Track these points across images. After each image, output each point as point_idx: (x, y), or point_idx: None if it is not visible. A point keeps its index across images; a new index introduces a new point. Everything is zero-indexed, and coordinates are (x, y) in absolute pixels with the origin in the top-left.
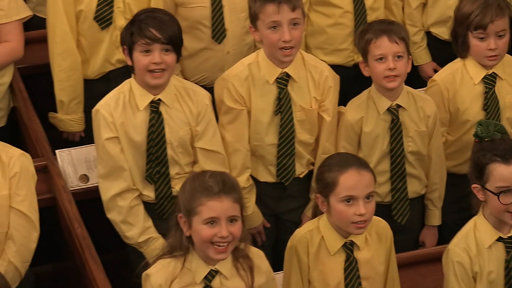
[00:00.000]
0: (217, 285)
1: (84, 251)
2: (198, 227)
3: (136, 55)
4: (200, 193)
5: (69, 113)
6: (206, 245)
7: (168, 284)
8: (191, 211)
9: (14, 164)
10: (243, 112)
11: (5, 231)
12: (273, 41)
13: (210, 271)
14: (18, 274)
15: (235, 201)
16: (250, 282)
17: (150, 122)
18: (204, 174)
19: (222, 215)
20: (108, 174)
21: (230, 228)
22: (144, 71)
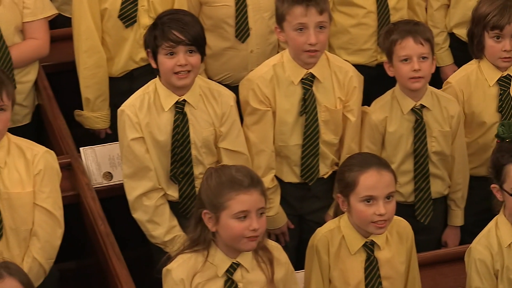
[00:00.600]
0: (238, 278)
1: (107, 248)
2: (228, 222)
3: (161, 58)
4: (229, 188)
5: (94, 110)
6: (238, 240)
7: (190, 278)
8: (219, 206)
9: (39, 161)
10: (268, 113)
11: (29, 228)
12: (299, 44)
13: (231, 264)
14: (43, 270)
15: (261, 194)
16: (270, 274)
17: (175, 123)
18: (229, 168)
19: (252, 208)
20: (133, 174)
21: (260, 221)
22: (170, 73)
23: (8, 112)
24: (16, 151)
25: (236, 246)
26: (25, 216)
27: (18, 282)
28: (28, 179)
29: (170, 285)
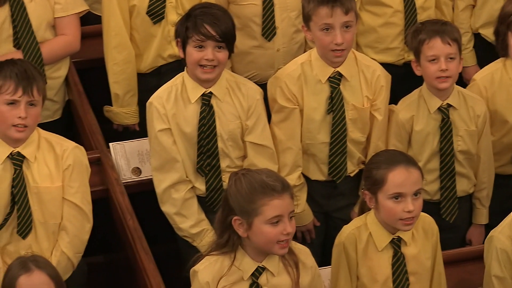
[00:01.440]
0: (264, 281)
1: (135, 243)
2: (261, 228)
3: (189, 49)
4: (262, 193)
5: (123, 106)
6: (271, 245)
7: (216, 281)
8: (252, 212)
9: (68, 156)
10: (295, 111)
11: (58, 222)
12: (325, 43)
13: (257, 268)
14: (71, 264)
15: (291, 197)
16: (296, 278)
17: (201, 115)
18: (258, 173)
19: (285, 212)
20: (161, 166)
21: (292, 224)
22: (196, 65)
23: (38, 107)
24: (46, 146)
25: (269, 251)
26: (54, 210)
27: (46, 276)
28: (58, 174)
29: (196, 287)
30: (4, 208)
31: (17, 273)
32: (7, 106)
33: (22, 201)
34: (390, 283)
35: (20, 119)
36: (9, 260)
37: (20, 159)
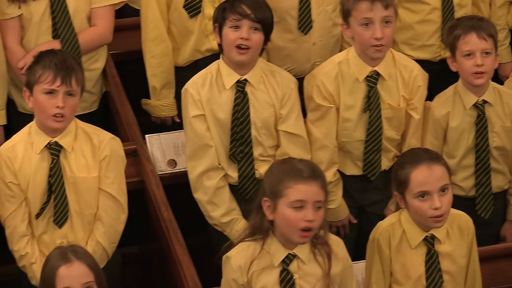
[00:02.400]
0: (294, 269)
1: (170, 234)
2: (284, 210)
3: (225, 31)
4: (289, 176)
5: (161, 98)
6: (292, 230)
7: (247, 266)
8: (278, 194)
9: (105, 147)
10: (332, 109)
11: (94, 212)
12: (365, 38)
13: (288, 255)
14: (106, 254)
15: (322, 188)
16: (327, 268)
17: (235, 101)
18: (293, 159)
19: (309, 199)
20: (194, 153)
21: (315, 214)
22: (231, 46)
23: (76, 98)
24: (83, 137)
25: (290, 237)
26: (90, 201)
27: (86, 266)
28: (94, 164)
29: (228, 272)
30: (41, 197)
31: (57, 263)
32: (45, 96)
33: (59, 191)
34: (424, 281)
35: (58, 108)
36: (45, 249)
37: (58, 149)
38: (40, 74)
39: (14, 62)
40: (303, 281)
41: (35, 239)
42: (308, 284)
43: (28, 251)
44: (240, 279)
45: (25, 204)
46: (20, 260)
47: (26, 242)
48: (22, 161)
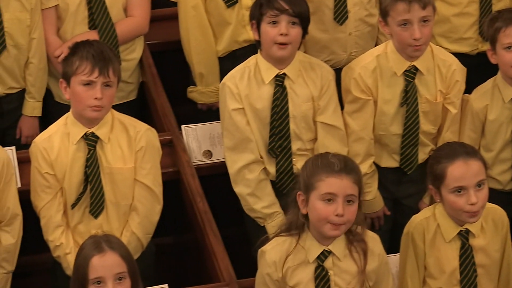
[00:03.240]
0: (329, 265)
1: (205, 225)
2: (315, 203)
3: (263, 27)
4: (321, 169)
5: (208, 84)
6: (322, 223)
7: (282, 261)
8: (310, 187)
9: (141, 138)
10: (369, 102)
11: (129, 203)
12: (403, 39)
13: (323, 251)
14: (140, 245)
15: (354, 182)
16: (363, 265)
17: (274, 95)
18: (328, 153)
19: (340, 193)
20: (235, 146)
21: (347, 209)
22: (271, 43)
23: (113, 89)
24: (119, 127)
25: (320, 230)
26: (125, 191)
27: (119, 256)
28: (130, 155)
29: (263, 266)
30: (77, 187)
31: (90, 253)
32: (83, 87)
33: (95, 181)
34: (458, 275)
35: (96, 100)
36: (80, 239)
37: (94, 139)
38: (77, 66)
39: (50, 52)
40: (338, 278)
41: (70, 230)
42: (343, 280)
43: (63, 242)
44: (274, 274)
45: (60, 194)
46: (54, 250)
47: (61, 233)
48: (58, 151)
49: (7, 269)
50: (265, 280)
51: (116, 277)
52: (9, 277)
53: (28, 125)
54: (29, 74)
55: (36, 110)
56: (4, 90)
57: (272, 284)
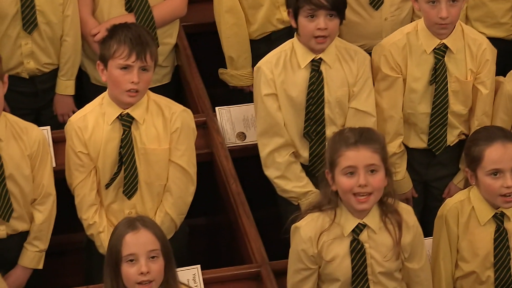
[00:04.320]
0: (364, 238)
1: (237, 207)
2: (338, 178)
3: (301, 20)
4: (339, 145)
5: (238, 68)
6: (348, 196)
7: (317, 236)
8: (333, 163)
9: (176, 119)
10: (398, 80)
11: (163, 183)
12: (430, 17)
13: (358, 224)
14: (174, 225)
15: (374, 151)
16: (398, 237)
17: (310, 80)
18: (345, 129)
19: (360, 164)
20: (265, 131)
21: (369, 178)
22: (309, 37)
23: (150, 73)
24: (155, 109)
25: (349, 203)
26: (160, 172)
27: (152, 235)
28: (165, 136)
29: (297, 242)
30: (111, 167)
31: (124, 231)
32: (120, 71)
33: (130, 162)
34: (491, 258)
35: (133, 84)
36: (113, 218)
37: (129, 120)
38: (115, 49)
39: (86, 32)
40: (374, 251)
41: (103, 209)
42: (379, 253)
43: (96, 220)
44: (310, 250)
45: (94, 173)
46: (88, 229)
47: (95, 212)
48: (92, 131)
49: (39, 248)
50: (300, 256)
51: (149, 255)
52: (42, 256)
53: (62, 104)
54: (63, 52)
55: (69, 89)
56: (37, 67)
57: (307, 260)
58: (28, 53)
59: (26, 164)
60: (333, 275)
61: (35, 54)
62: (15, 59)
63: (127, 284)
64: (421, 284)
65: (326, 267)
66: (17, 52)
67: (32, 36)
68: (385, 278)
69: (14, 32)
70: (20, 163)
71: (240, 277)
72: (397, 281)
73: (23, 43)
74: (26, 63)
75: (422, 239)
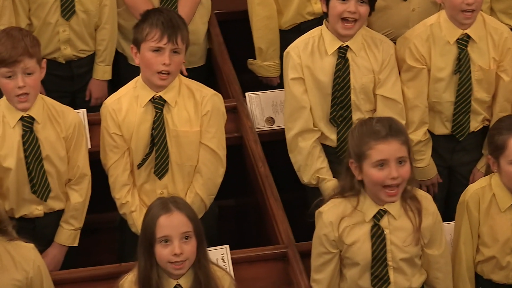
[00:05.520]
0: (385, 224)
1: (265, 189)
2: (368, 171)
3: (332, 2)
4: (368, 137)
5: (267, 59)
6: (378, 188)
7: (338, 221)
8: (361, 156)
9: (207, 103)
10: (423, 70)
11: (194, 164)
12: (456, 4)
13: (379, 210)
14: (203, 205)
15: (402, 143)
16: (418, 223)
17: (336, 67)
18: (371, 119)
19: (391, 157)
20: (291, 114)
21: (399, 170)
22: (338, 19)
23: (181, 55)
24: (186, 92)
25: (378, 195)
26: (190, 154)
27: (185, 216)
28: (196, 119)
29: (320, 227)
30: (143, 148)
31: (158, 213)
32: (152, 53)
33: (161, 143)
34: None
35: (164, 65)
36: (146, 198)
37: (162, 103)
38: (147, 32)
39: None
40: (394, 236)
41: (136, 188)
42: (399, 239)
43: (129, 200)
44: (331, 234)
45: (127, 154)
46: (121, 208)
47: (127, 191)
48: (126, 113)
49: (75, 226)
50: (322, 240)
51: (182, 236)
52: (77, 234)
53: (98, 88)
54: (102, 39)
55: (107, 74)
56: (74, 53)
57: (328, 244)
58: (65, 40)
59: (61, 146)
60: (354, 259)
61: (72, 40)
62: (53, 45)
63: (160, 264)
64: (441, 270)
65: (347, 251)
66: (55, 38)
67: (69, 23)
68: (405, 264)
69: (53, 19)
70: (56, 145)
71: (267, 257)
72: (417, 268)
73: (61, 30)
74: (63, 49)
75: (442, 226)
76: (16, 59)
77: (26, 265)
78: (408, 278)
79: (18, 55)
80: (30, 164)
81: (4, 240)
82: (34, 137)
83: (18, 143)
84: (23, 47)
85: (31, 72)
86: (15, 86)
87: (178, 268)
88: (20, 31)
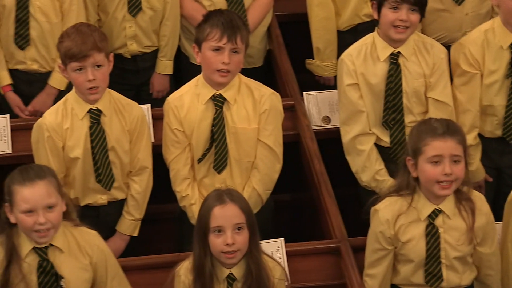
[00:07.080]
0: (439, 223)
1: (320, 185)
2: (423, 166)
3: (384, 11)
4: (426, 134)
5: (324, 59)
6: (431, 183)
7: (394, 219)
8: (417, 151)
9: (265, 101)
10: (477, 75)
11: (251, 160)
12: (510, 7)
13: (434, 210)
14: (260, 200)
15: (458, 143)
16: (471, 222)
17: (388, 73)
18: (431, 119)
19: (445, 154)
20: (347, 118)
21: (454, 168)
22: (389, 26)
23: (241, 55)
24: (245, 90)
25: (431, 190)
26: (248, 150)
27: (238, 208)
28: (254, 117)
29: (376, 224)
30: (203, 143)
31: (213, 204)
32: (212, 52)
33: (220, 139)
34: None
35: (224, 64)
36: (205, 192)
37: (222, 100)
38: (208, 32)
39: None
40: (448, 235)
41: (196, 182)
42: (452, 237)
43: (189, 193)
44: (387, 232)
45: (188, 149)
46: (181, 201)
47: (188, 185)
48: (188, 110)
49: (135, 217)
50: (378, 237)
51: (235, 227)
52: (137, 224)
53: (160, 82)
54: (163, 35)
55: (168, 68)
56: (140, 49)
57: (384, 241)
58: (132, 35)
59: (126, 138)
60: (408, 256)
61: (137, 36)
62: (120, 41)
63: (214, 253)
64: (492, 268)
65: (402, 248)
66: (122, 34)
67: (136, 19)
68: (458, 262)
69: (121, 14)
70: (120, 137)
71: (320, 251)
72: (468, 265)
73: (127, 25)
74: (129, 45)
75: (494, 225)
76: (86, 54)
77: (90, 250)
78: (460, 275)
79: (88, 50)
80: (96, 155)
81: (69, 225)
82: (100, 129)
83: (85, 135)
84: (92, 42)
85: (100, 65)
86: (85, 79)
87: (230, 257)
88: (88, 26)
